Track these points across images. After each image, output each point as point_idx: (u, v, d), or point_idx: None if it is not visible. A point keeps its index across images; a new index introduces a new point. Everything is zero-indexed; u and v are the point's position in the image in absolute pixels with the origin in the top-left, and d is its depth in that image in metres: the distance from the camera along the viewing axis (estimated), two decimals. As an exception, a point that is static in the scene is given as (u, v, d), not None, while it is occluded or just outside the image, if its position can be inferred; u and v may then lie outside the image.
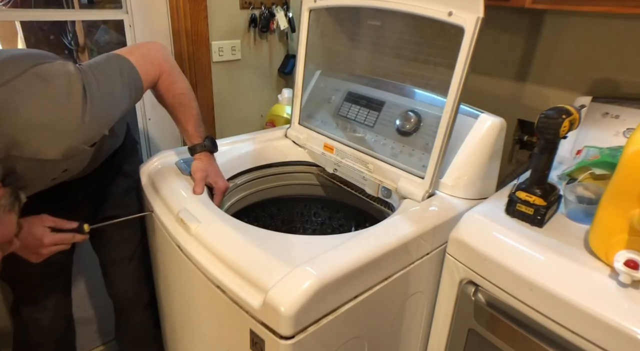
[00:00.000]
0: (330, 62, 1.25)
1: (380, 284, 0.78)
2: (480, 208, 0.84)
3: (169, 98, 0.98)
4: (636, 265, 0.62)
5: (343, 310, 0.72)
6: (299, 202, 1.29)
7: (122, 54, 0.88)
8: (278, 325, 0.65)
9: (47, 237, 0.86)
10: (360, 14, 1.12)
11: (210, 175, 1.00)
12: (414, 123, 1.01)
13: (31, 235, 0.84)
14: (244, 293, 0.70)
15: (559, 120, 0.73)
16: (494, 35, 1.24)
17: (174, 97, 0.98)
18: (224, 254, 0.77)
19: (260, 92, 1.80)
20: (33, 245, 0.85)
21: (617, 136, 0.93)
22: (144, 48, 0.94)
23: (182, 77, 0.99)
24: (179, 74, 0.98)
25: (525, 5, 0.94)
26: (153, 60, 0.93)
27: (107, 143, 1.02)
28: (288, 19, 1.69)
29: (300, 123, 1.26)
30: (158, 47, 0.96)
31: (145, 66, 0.90)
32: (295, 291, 0.65)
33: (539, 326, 0.69)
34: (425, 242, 0.85)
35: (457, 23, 0.81)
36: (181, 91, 0.98)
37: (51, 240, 0.86)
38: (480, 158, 0.93)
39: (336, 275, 0.68)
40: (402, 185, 0.96)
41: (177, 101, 0.98)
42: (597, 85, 1.08)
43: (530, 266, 0.70)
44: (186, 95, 0.99)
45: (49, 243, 0.86)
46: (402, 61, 1.07)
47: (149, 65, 0.91)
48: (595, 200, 0.76)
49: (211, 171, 1.01)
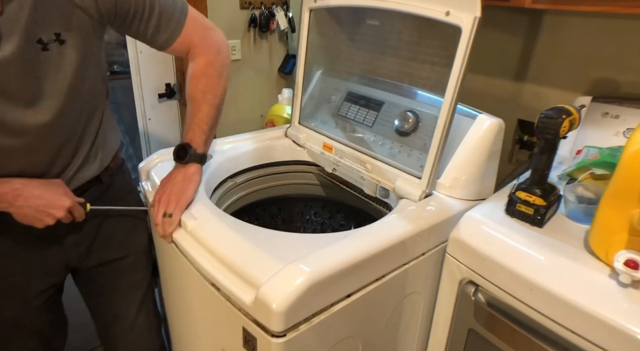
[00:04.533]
0: (331, 62, 1.25)
1: (375, 283, 0.78)
2: (480, 209, 0.84)
3: (189, 88, 0.89)
4: (636, 265, 0.62)
5: (336, 308, 0.72)
6: (299, 201, 1.29)
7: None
8: (269, 321, 0.65)
9: (68, 197, 0.82)
10: (360, 14, 1.13)
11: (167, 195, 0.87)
12: (413, 124, 1.01)
13: (53, 191, 0.81)
14: (237, 289, 0.70)
15: (559, 120, 0.73)
16: (493, 35, 1.24)
17: (189, 89, 0.89)
18: (218, 251, 0.77)
19: (260, 92, 1.80)
20: (51, 203, 0.80)
21: (617, 136, 0.93)
22: (209, 23, 0.89)
23: (219, 78, 0.90)
24: (218, 73, 0.89)
25: (525, 5, 0.93)
26: (207, 31, 0.87)
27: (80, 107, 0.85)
28: (288, 19, 1.69)
29: (300, 123, 1.26)
30: (222, 37, 0.90)
31: (197, 24, 0.85)
32: (287, 287, 0.65)
33: (539, 326, 0.69)
34: (421, 242, 0.85)
35: (454, 22, 0.81)
36: (206, 88, 0.89)
37: (71, 202, 0.82)
38: (478, 159, 0.92)
39: (329, 272, 0.68)
40: (400, 185, 0.96)
41: (194, 95, 0.89)
42: (597, 85, 1.08)
43: (531, 266, 0.70)
44: (207, 95, 0.89)
45: (68, 204, 0.81)
46: (401, 61, 1.07)
47: (199, 25, 0.86)
48: (595, 200, 0.76)
49: (172, 193, 0.87)
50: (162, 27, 0.83)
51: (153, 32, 0.83)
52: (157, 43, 0.85)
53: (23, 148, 0.78)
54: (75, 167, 0.87)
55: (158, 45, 0.86)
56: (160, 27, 0.83)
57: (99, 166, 0.92)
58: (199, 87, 0.89)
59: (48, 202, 0.80)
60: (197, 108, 0.89)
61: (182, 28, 0.84)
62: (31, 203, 0.79)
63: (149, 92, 1.54)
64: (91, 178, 0.91)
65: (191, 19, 0.85)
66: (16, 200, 0.78)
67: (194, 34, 0.86)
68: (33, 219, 0.80)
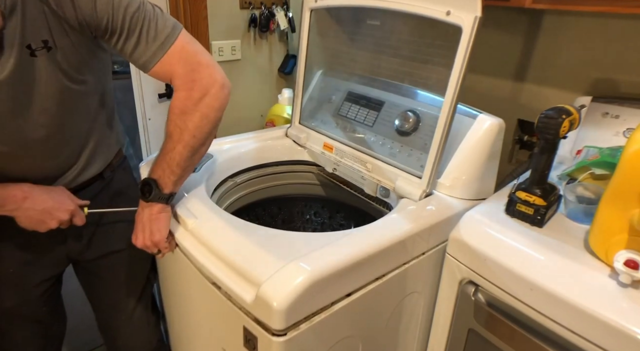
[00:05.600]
0: (331, 62, 1.26)
1: (375, 282, 0.78)
2: (481, 208, 0.84)
3: (167, 120, 0.80)
4: (636, 265, 0.62)
5: (336, 307, 0.72)
6: (299, 201, 1.29)
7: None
8: (270, 319, 0.65)
9: (72, 201, 0.85)
10: (360, 14, 1.13)
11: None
12: (413, 123, 1.01)
13: (56, 198, 0.84)
14: (238, 287, 0.70)
15: (559, 120, 0.73)
16: (493, 35, 1.24)
17: (172, 120, 0.79)
18: (218, 249, 0.77)
19: (260, 92, 1.80)
20: (56, 206, 0.83)
21: (617, 136, 0.93)
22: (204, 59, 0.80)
23: (200, 119, 0.78)
24: (200, 113, 0.78)
25: (525, 5, 0.94)
26: (197, 66, 0.79)
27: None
28: (288, 19, 1.69)
29: (300, 123, 1.26)
30: (219, 77, 0.80)
31: (184, 54, 0.78)
32: (287, 286, 0.65)
33: (539, 326, 0.69)
34: (421, 241, 0.85)
35: (455, 22, 0.81)
36: (183, 126, 0.78)
37: (75, 205, 0.85)
38: (479, 159, 0.93)
39: (330, 271, 0.68)
40: (400, 184, 0.96)
41: (169, 129, 0.80)
42: (597, 85, 1.08)
43: (531, 267, 0.70)
44: (184, 134, 0.78)
45: (72, 207, 0.85)
46: (401, 61, 1.07)
47: (187, 57, 0.78)
48: (595, 200, 0.76)
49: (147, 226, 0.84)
50: (141, 47, 0.77)
51: (132, 51, 0.77)
52: (137, 63, 0.79)
53: (24, 152, 0.80)
54: (79, 167, 0.90)
55: (139, 66, 0.80)
56: (138, 47, 0.77)
57: (102, 164, 0.94)
58: (175, 121, 0.79)
59: (53, 204, 0.83)
60: (171, 147, 0.79)
61: (164, 54, 0.77)
62: (38, 206, 0.81)
63: (149, 92, 1.54)
64: (94, 176, 0.93)
65: (178, 47, 0.77)
66: (24, 202, 0.81)
67: (177, 64, 0.78)
68: (38, 222, 0.83)
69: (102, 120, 0.91)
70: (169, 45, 0.77)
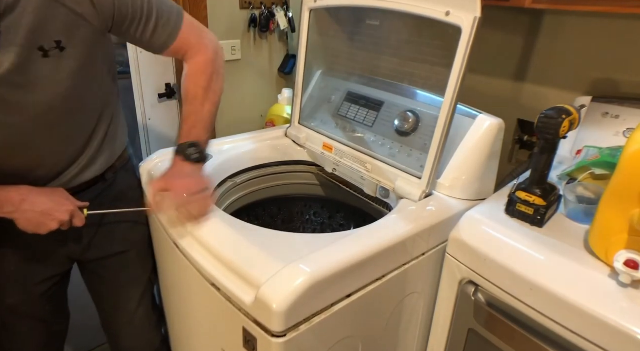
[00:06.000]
0: (331, 62, 1.26)
1: (375, 283, 0.78)
2: (481, 209, 0.84)
3: (189, 86, 0.88)
4: (636, 265, 0.62)
5: (336, 308, 0.72)
6: (299, 201, 1.29)
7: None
8: (270, 321, 0.65)
9: (71, 202, 0.85)
10: (360, 14, 1.12)
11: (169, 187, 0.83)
12: (413, 124, 1.01)
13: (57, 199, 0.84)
14: (237, 289, 0.70)
15: (559, 120, 0.73)
16: (493, 35, 1.24)
17: (189, 87, 0.88)
18: (218, 251, 0.77)
19: (260, 92, 1.80)
20: (55, 207, 0.83)
21: (617, 136, 0.93)
22: (203, 27, 0.91)
23: (217, 77, 0.90)
24: (217, 72, 0.90)
25: (525, 5, 0.93)
26: (202, 33, 0.89)
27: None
28: (288, 19, 1.69)
29: (300, 123, 1.26)
30: (217, 40, 0.92)
31: (193, 27, 0.88)
32: (287, 287, 0.65)
33: (539, 326, 0.69)
34: (421, 242, 0.85)
35: (454, 23, 0.81)
36: (207, 86, 0.88)
37: (75, 206, 0.85)
38: (478, 159, 0.92)
39: (329, 272, 0.68)
40: (400, 185, 0.96)
41: (196, 93, 0.88)
42: (597, 85, 1.08)
43: (530, 266, 0.70)
44: (209, 93, 0.89)
45: (71, 208, 0.84)
46: (401, 61, 1.07)
47: (195, 28, 0.88)
48: (595, 200, 0.76)
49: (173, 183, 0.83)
50: (160, 30, 0.84)
51: (151, 35, 0.84)
52: (155, 46, 0.87)
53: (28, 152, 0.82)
54: (82, 164, 0.90)
55: (155, 48, 0.87)
56: (157, 30, 0.84)
57: (105, 164, 0.94)
58: (200, 84, 0.88)
59: (52, 206, 0.83)
60: (200, 106, 0.87)
61: (180, 30, 0.86)
62: (36, 207, 0.81)
63: (149, 92, 1.54)
64: (95, 176, 0.93)
65: (188, 22, 0.88)
66: (22, 204, 0.81)
67: (191, 36, 0.88)
68: (37, 224, 0.82)
69: (109, 118, 0.93)
70: (181, 23, 0.86)
